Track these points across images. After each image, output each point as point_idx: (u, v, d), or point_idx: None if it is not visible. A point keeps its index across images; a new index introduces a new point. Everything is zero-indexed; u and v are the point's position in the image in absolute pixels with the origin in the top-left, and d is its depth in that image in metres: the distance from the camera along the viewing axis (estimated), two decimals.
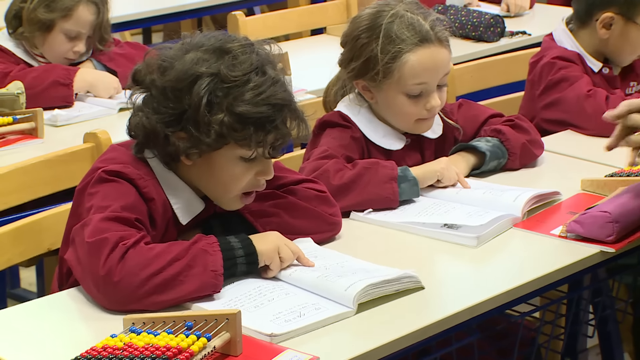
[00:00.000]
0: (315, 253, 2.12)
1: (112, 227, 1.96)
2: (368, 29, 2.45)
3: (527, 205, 2.35)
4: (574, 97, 2.89)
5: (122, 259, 1.91)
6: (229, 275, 1.98)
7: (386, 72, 2.42)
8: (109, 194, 2.03)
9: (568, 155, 2.72)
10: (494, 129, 2.58)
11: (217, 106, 2.01)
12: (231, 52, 2.04)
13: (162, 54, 2.07)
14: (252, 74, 2.02)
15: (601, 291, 2.55)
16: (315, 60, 2.70)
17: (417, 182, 2.38)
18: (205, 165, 2.07)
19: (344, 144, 2.46)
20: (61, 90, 3.23)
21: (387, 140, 2.52)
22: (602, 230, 2.19)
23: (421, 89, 2.44)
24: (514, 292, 2.05)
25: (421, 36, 2.42)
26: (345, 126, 2.50)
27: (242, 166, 2.06)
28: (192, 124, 2.02)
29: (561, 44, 3.01)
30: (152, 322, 1.81)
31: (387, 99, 2.47)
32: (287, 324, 1.86)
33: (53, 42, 3.31)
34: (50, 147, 2.84)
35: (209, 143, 2.02)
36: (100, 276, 1.91)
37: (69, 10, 3.27)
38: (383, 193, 2.34)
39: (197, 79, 2.01)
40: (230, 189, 2.09)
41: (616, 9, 2.92)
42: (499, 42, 3.95)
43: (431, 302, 2.00)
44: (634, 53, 2.99)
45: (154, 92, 2.06)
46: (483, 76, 3.42)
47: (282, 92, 2.05)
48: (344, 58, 2.51)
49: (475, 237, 2.21)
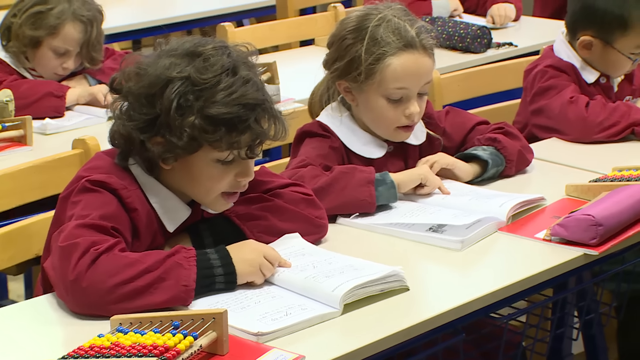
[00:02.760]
0: (303, 250, 2.14)
1: (85, 233, 1.96)
2: (355, 30, 2.47)
3: (512, 211, 2.37)
4: (558, 104, 2.94)
5: (92, 264, 1.91)
6: (205, 291, 1.98)
7: (368, 74, 2.45)
8: (90, 204, 2.03)
9: (553, 162, 2.75)
10: (489, 137, 2.61)
11: (188, 109, 2.01)
12: (202, 54, 2.04)
13: (138, 62, 2.08)
14: (223, 75, 2.02)
15: (585, 295, 2.57)
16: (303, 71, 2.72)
17: (394, 185, 2.40)
18: (184, 169, 2.08)
19: (323, 154, 2.48)
20: (54, 101, 3.25)
21: (368, 148, 2.54)
22: (586, 233, 2.22)
23: (402, 93, 2.47)
24: (499, 293, 2.07)
25: (406, 41, 2.45)
26: (324, 136, 2.52)
27: (219, 168, 2.07)
28: (165, 129, 2.02)
29: (558, 54, 3.06)
30: (139, 322, 1.82)
31: (367, 102, 2.49)
32: (273, 322, 1.88)
33: (41, 58, 3.32)
34: (39, 155, 2.85)
35: (183, 147, 2.02)
36: (70, 280, 1.91)
37: (55, 28, 3.28)
38: (360, 196, 2.36)
39: (169, 83, 2.02)
40: (210, 191, 2.09)
41: (594, 32, 2.97)
42: (485, 53, 3.99)
43: (416, 303, 2.02)
44: (617, 72, 3.04)
45: (130, 100, 2.07)
46: (470, 86, 3.46)
47: (253, 91, 2.04)
48: (329, 58, 2.53)
49: (459, 240, 2.24)
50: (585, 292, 2.57)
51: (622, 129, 2.90)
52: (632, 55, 2.97)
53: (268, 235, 2.17)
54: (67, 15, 3.28)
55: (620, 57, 2.97)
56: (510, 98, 3.34)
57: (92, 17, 3.33)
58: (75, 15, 3.29)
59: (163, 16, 4.86)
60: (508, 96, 3.40)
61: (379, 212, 2.40)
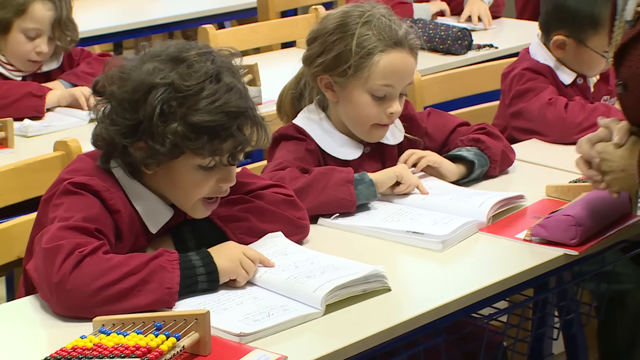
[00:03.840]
0: (285, 250, 2.15)
1: (69, 235, 1.96)
2: (341, 25, 2.48)
3: (492, 211, 2.38)
4: (537, 106, 2.96)
5: (76, 266, 1.91)
6: (188, 292, 1.99)
7: (357, 68, 2.46)
8: (73, 206, 2.03)
9: (533, 163, 2.77)
10: (472, 138, 2.63)
11: (171, 116, 2.01)
12: (186, 60, 2.03)
13: (121, 65, 2.08)
14: (207, 82, 2.02)
15: (566, 295, 2.59)
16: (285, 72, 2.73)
17: (373, 183, 2.41)
18: (166, 174, 2.08)
19: (299, 157, 2.49)
20: (34, 100, 3.24)
21: (344, 150, 2.55)
22: (566, 234, 2.23)
23: (386, 91, 2.48)
24: (479, 293, 2.09)
25: (396, 40, 2.47)
26: (300, 139, 2.53)
27: (201, 174, 2.07)
28: (147, 135, 2.03)
29: (535, 57, 3.08)
30: (122, 323, 1.83)
31: (350, 97, 2.50)
32: (255, 323, 1.89)
33: (13, 43, 3.29)
34: (21, 157, 2.85)
35: (165, 153, 2.03)
36: (54, 283, 1.92)
37: (22, 6, 3.25)
38: (339, 195, 2.37)
39: (152, 89, 2.02)
40: (191, 196, 2.10)
41: (567, 31, 2.99)
42: (466, 54, 4.00)
43: (398, 303, 2.03)
44: (593, 71, 3.06)
45: (113, 103, 2.07)
46: (450, 87, 3.47)
47: (236, 99, 2.04)
48: (311, 54, 2.53)
49: (440, 241, 2.25)
50: (565, 292, 2.59)
51: None
52: (605, 54, 2.98)
53: (250, 236, 2.17)
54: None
55: (594, 55, 2.99)
56: (491, 100, 3.36)
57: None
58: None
59: (144, 18, 4.85)
60: (489, 98, 3.42)
61: (360, 214, 2.41)
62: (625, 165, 2.09)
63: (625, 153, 2.12)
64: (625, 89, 2.05)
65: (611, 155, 2.14)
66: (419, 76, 3.32)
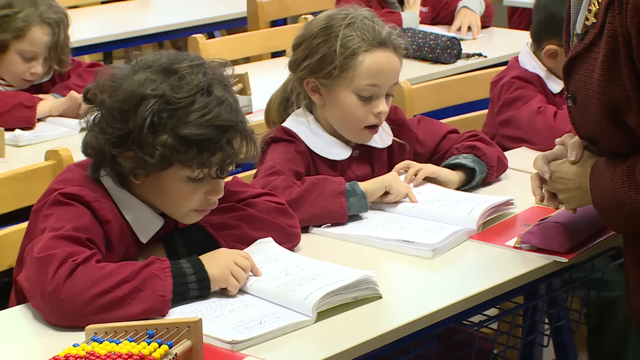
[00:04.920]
0: (276, 256, 2.16)
1: (61, 244, 1.97)
2: (325, 28, 2.50)
3: (482, 218, 2.40)
4: (526, 114, 2.98)
5: (70, 275, 1.92)
6: (180, 300, 1.99)
7: (342, 68, 2.47)
8: (63, 216, 2.03)
9: (522, 171, 2.78)
10: (468, 145, 2.64)
11: (161, 128, 2.02)
12: (178, 72, 2.04)
13: (112, 74, 2.08)
14: (197, 95, 2.02)
15: (556, 302, 2.60)
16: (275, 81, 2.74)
17: (365, 195, 2.42)
18: (154, 184, 2.09)
19: (290, 158, 2.51)
20: (24, 111, 3.25)
21: (333, 150, 2.57)
22: (555, 241, 2.24)
23: (372, 91, 2.50)
24: (470, 300, 2.10)
25: (380, 39, 2.49)
26: (289, 140, 2.55)
27: (190, 186, 2.08)
28: (137, 145, 2.03)
29: (524, 65, 3.09)
30: (114, 331, 1.83)
31: (337, 99, 2.52)
32: (247, 331, 1.89)
33: (9, 63, 3.32)
34: (12, 166, 2.85)
35: (154, 164, 2.03)
36: (48, 292, 1.92)
37: (21, 30, 3.28)
38: (332, 207, 2.38)
39: (143, 100, 2.02)
40: (180, 207, 2.11)
41: (559, 41, 3.01)
42: (455, 63, 4.02)
43: (389, 310, 2.04)
44: None
45: (104, 112, 2.07)
46: (440, 96, 3.48)
47: (227, 113, 2.04)
48: (296, 58, 2.55)
49: (430, 249, 2.26)
50: (555, 299, 2.60)
51: None
52: None
53: (242, 244, 2.18)
54: (34, 19, 3.28)
55: None
56: (480, 108, 3.37)
57: (59, 19, 3.33)
58: (42, 18, 3.29)
59: (134, 28, 4.86)
60: (478, 106, 3.43)
61: (351, 222, 2.42)
62: (581, 182, 2.10)
63: (580, 170, 2.11)
64: (574, 103, 2.06)
65: (565, 173, 2.15)
66: (409, 85, 3.33)
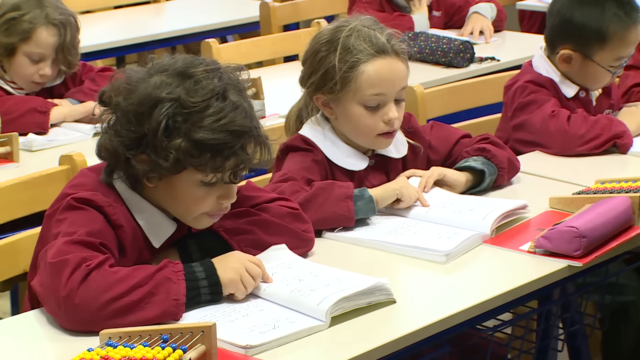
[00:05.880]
0: (289, 263, 2.16)
1: (74, 249, 1.97)
2: (327, 42, 2.51)
3: (496, 223, 2.39)
4: (539, 118, 2.97)
5: (84, 280, 1.92)
6: (192, 304, 1.99)
7: (344, 83, 2.47)
8: (76, 221, 2.03)
9: (536, 175, 2.78)
10: (478, 147, 2.64)
11: (175, 131, 2.02)
12: (193, 76, 2.04)
13: (128, 77, 2.08)
14: (212, 100, 2.02)
15: (570, 306, 2.60)
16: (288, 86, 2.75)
17: (372, 199, 2.41)
18: (167, 188, 2.09)
19: (305, 167, 2.50)
20: (38, 117, 3.26)
21: (351, 160, 2.56)
22: (570, 245, 2.24)
23: (378, 100, 2.50)
24: (484, 305, 2.09)
25: (378, 47, 2.49)
26: (307, 149, 2.54)
27: (202, 190, 2.08)
28: (151, 148, 2.03)
29: (537, 70, 3.09)
30: (129, 335, 1.83)
31: (345, 112, 2.52)
32: (261, 335, 1.89)
33: (18, 66, 3.34)
34: (26, 171, 2.86)
35: (167, 168, 2.03)
36: (62, 297, 1.92)
37: (28, 32, 3.29)
38: (339, 211, 2.38)
39: (158, 103, 2.02)
40: (192, 211, 2.11)
41: (573, 45, 3.00)
42: (468, 67, 4.01)
43: (402, 315, 2.04)
44: (597, 84, 3.08)
45: (119, 115, 2.07)
46: (453, 100, 3.48)
47: (241, 118, 2.04)
48: (304, 74, 2.56)
49: (444, 254, 2.25)
50: (569, 304, 2.59)
51: (604, 142, 2.93)
52: (611, 68, 3.01)
53: (255, 249, 2.18)
54: (40, 20, 3.30)
55: (599, 69, 3.01)
56: (493, 112, 3.36)
57: (65, 20, 3.34)
58: (48, 19, 3.31)
59: (147, 33, 4.87)
60: (491, 110, 3.43)
61: (364, 227, 2.42)
62: None
63: None
64: None
65: None
66: (422, 89, 3.33)
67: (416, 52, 4.00)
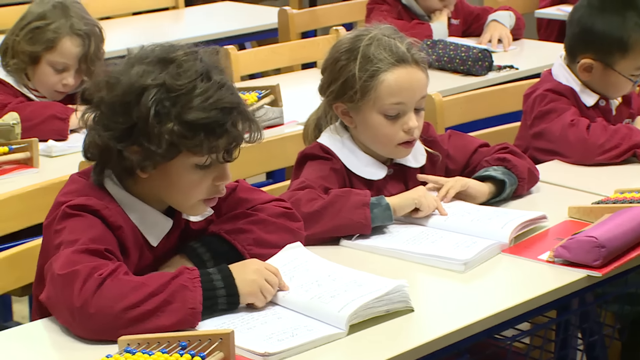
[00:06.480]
0: (306, 264, 2.16)
1: (83, 259, 1.96)
2: (347, 51, 2.51)
3: (514, 232, 2.39)
4: (559, 127, 2.97)
5: (98, 289, 1.91)
6: (208, 313, 1.98)
7: (364, 92, 2.48)
8: (75, 229, 2.02)
9: (555, 184, 2.77)
10: (498, 157, 2.63)
11: (165, 116, 2.02)
12: (175, 60, 2.04)
13: (107, 72, 2.08)
14: (198, 81, 2.03)
15: (589, 317, 2.59)
16: (306, 93, 2.76)
17: (389, 207, 2.41)
18: (162, 176, 2.08)
19: (323, 175, 2.50)
20: (57, 124, 3.27)
21: (369, 169, 2.56)
22: (589, 255, 2.23)
23: (398, 109, 2.50)
24: (502, 314, 2.09)
25: (398, 56, 2.49)
26: (326, 158, 2.55)
27: (198, 173, 2.08)
28: (143, 137, 2.03)
29: (557, 78, 3.09)
30: (147, 342, 1.83)
31: (365, 121, 2.52)
32: (279, 343, 1.89)
33: (41, 74, 3.35)
34: (45, 177, 2.87)
35: (162, 154, 2.03)
36: (76, 307, 1.91)
37: (52, 42, 3.31)
38: (355, 218, 2.37)
39: (144, 91, 2.02)
40: (189, 196, 2.10)
41: (594, 55, 3.00)
42: (487, 75, 4.00)
43: (421, 324, 2.04)
44: (618, 93, 3.07)
45: (104, 109, 2.07)
46: (471, 108, 3.48)
47: (229, 95, 2.06)
48: (323, 83, 2.57)
49: (462, 263, 2.25)
50: (588, 314, 2.58)
51: (624, 151, 2.92)
52: (632, 77, 3.00)
53: (257, 247, 2.18)
54: (64, 30, 3.31)
55: (620, 78, 3.00)
56: (511, 120, 3.36)
57: (90, 31, 3.36)
58: (73, 30, 3.32)
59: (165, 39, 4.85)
60: (509, 119, 3.42)
61: (381, 235, 2.41)
62: None
63: None
64: None
65: None
66: (440, 97, 3.33)
67: (434, 60, 3.99)
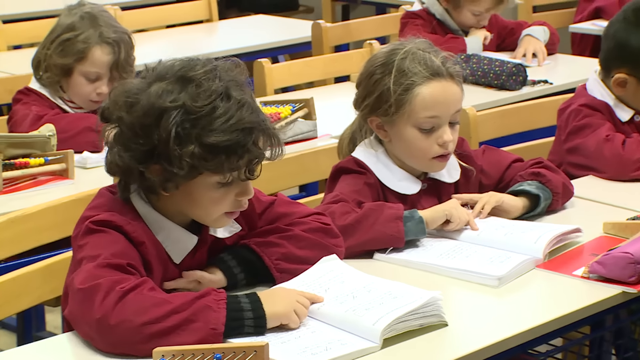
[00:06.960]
0: (341, 276, 2.16)
1: (105, 273, 1.95)
2: (382, 65, 2.52)
3: (548, 247, 2.38)
4: (594, 142, 2.95)
5: (119, 301, 1.90)
6: (235, 334, 1.96)
7: (398, 105, 2.48)
8: (98, 244, 2.02)
9: (590, 200, 2.76)
10: (532, 172, 2.63)
11: (186, 138, 2.01)
12: (194, 80, 2.03)
13: (126, 90, 2.07)
14: (218, 101, 2.01)
15: (623, 333, 2.57)
16: (339, 106, 2.76)
17: (422, 220, 2.41)
18: (184, 194, 2.08)
19: (357, 189, 2.51)
20: (92, 135, 3.28)
21: (403, 184, 2.56)
22: (624, 271, 2.22)
23: (433, 123, 2.50)
24: (536, 330, 2.08)
25: (433, 70, 2.49)
26: (360, 172, 2.55)
27: (220, 191, 2.07)
28: (164, 158, 2.02)
29: (592, 93, 3.08)
30: (182, 354, 1.84)
31: (400, 135, 2.52)
32: (313, 357, 1.90)
33: (75, 86, 3.38)
34: (80, 188, 2.89)
35: (183, 175, 2.03)
36: (95, 319, 1.90)
37: (82, 52, 3.34)
38: (388, 231, 2.37)
39: (164, 113, 2.01)
40: (212, 212, 2.10)
41: (629, 69, 2.99)
42: (521, 90, 3.99)
43: (454, 338, 2.03)
44: None
45: (123, 129, 2.06)
46: (505, 123, 3.47)
47: (249, 114, 2.04)
48: (358, 97, 2.58)
49: (496, 278, 2.25)
50: (622, 331, 2.57)
51: None
52: None
53: (286, 262, 2.18)
54: (94, 39, 3.34)
55: None
56: (546, 135, 3.34)
57: (119, 38, 3.38)
58: (102, 39, 3.35)
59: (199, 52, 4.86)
60: (544, 133, 3.41)
61: (415, 249, 2.41)
62: None
63: None
64: None
65: None
66: (474, 111, 3.33)
67: (468, 74, 3.99)
